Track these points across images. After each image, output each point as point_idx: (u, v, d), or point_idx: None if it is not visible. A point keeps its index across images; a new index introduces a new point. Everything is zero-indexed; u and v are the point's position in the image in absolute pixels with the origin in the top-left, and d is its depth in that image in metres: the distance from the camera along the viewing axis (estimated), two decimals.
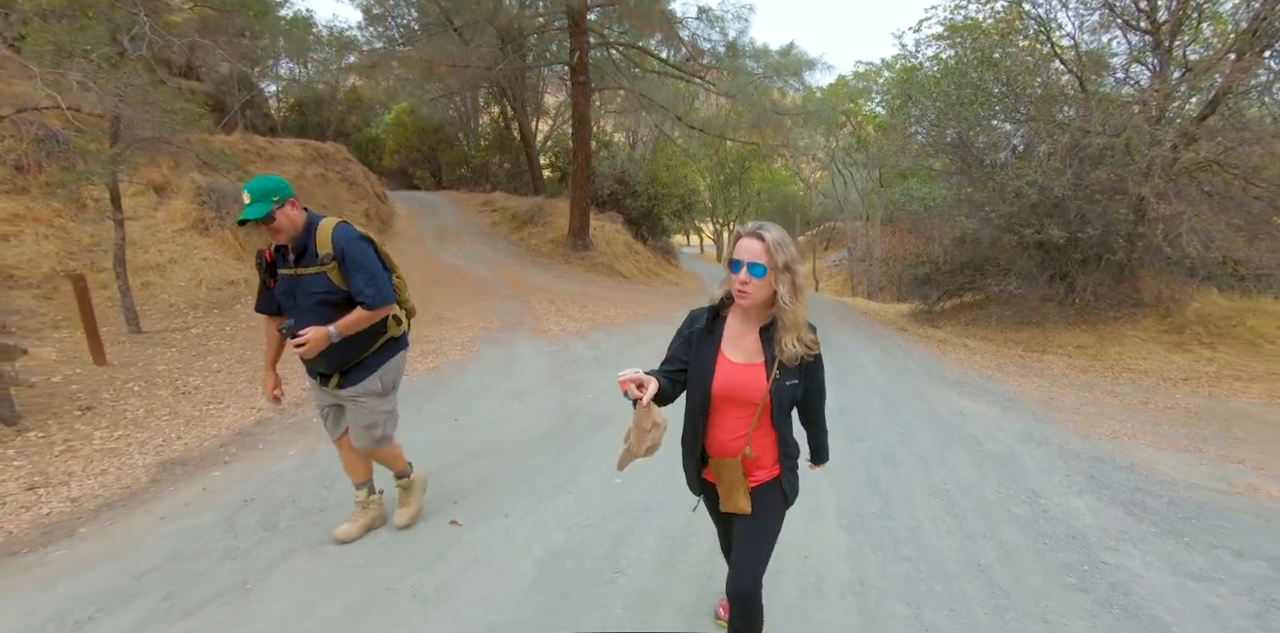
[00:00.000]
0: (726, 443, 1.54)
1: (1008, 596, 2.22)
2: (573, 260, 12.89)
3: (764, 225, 1.43)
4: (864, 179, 22.03)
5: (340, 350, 2.21)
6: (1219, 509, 3.19)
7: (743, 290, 1.41)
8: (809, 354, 1.48)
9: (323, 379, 2.33)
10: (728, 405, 1.52)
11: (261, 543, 2.37)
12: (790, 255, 1.41)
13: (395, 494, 2.66)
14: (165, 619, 1.94)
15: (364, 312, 2.16)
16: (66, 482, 2.93)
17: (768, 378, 1.47)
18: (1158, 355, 7.23)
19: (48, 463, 3.14)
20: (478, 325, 6.79)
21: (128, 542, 2.40)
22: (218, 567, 2.23)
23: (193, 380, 4.68)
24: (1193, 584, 2.40)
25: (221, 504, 2.67)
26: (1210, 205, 7.84)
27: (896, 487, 3.17)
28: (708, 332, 1.54)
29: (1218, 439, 4.53)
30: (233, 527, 2.50)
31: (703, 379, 1.50)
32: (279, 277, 2.22)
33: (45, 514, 2.62)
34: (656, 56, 10.98)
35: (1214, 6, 8.66)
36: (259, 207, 2.01)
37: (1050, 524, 2.83)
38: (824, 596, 2.16)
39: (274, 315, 2.35)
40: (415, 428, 3.62)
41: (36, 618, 1.94)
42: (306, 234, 2.14)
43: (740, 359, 1.50)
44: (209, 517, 2.57)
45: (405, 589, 2.10)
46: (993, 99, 8.19)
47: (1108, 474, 3.56)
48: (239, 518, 2.56)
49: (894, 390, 5.20)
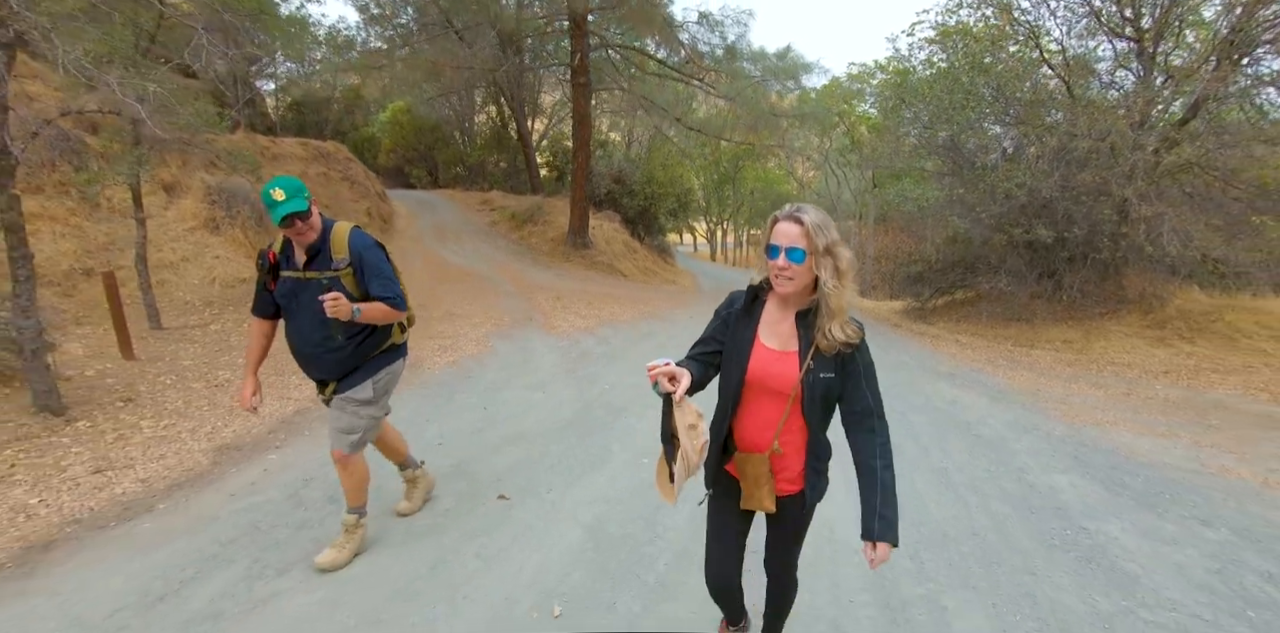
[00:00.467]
0: (755, 436, 1.48)
1: (999, 554, 2.53)
2: (573, 259, 13.14)
3: (802, 207, 1.36)
4: (857, 179, 22.44)
5: (345, 353, 2.19)
6: (1191, 486, 3.52)
7: (781, 276, 1.36)
8: (847, 345, 1.40)
9: (319, 386, 2.31)
10: (759, 395, 1.46)
11: (330, 515, 2.62)
12: (831, 238, 1.35)
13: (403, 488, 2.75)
14: (260, 579, 2.20)
15: (387, 307, 2.14)
16: (131, 465, 3.16)
17: (800, 367, 1.41)
18: (1140, 350, 7.61)
19: (105, 450, 3.37)
20: (488, 322, 7.04)
21: (205, 516, 2.65)
22: (294, 536, 2.49)
23: (222, 374, 4.90)
24: (1163, 547, 2.72)
25: (284, 483, 2.92)
26: (1191, 206, 8.24)
27: (898, 468, 3.46)
28: (745, 314, 1.48)
29: (1193, 426, 4.88)
30: (300, 502, 2.75)
31: (738, 364, 1.45)
32: (281, 279, 2.17)
33: (120, 493, 2.86)
34: (656, 59, 11.28)
35: (1196, 15, 9.06)
36: (299, 202, 2.00)
37: (1037, 498, 3.15)
38: (838, 552, 2.45)
39: (269, 319, 2.31)
40: (450, 414, 3.88)
41: (140, 580, 2.19)
42: (321, 237, 2.12)
43: (776, 346, 1.45)
44: (275, 493, 2.82)
45: (469, 552, 2.37)
46: (983, 103, 8.55)
47: (1089, 456, 3.88)
48: (304, 494, 2.82)
49: (891, 383, 5.52)
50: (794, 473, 1.51)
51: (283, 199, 1.98)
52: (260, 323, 2.33)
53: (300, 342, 2.22)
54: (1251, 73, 8.47)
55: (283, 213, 1.97)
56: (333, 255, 2.11)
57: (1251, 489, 3.65)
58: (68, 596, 2.08)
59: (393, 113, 21.53)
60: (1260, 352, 7.38)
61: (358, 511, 2.37)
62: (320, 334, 2.16)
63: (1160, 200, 7.02)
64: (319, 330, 2.15)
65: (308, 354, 2.23)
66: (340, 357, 2.21)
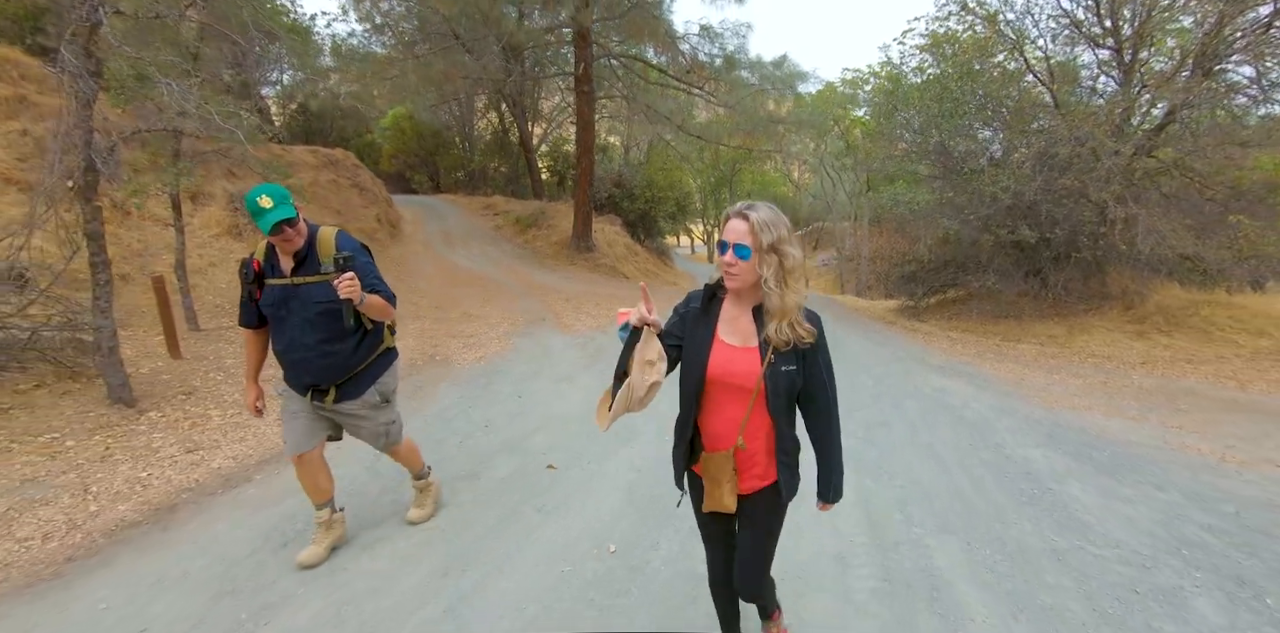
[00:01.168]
0: (720, 433, 1.50)
1: (975, 507, 3.02)
2: (577, 262, 13.63)
3: (753, 205, 1.38)
4: (851, 181, 23.03)
5: (344, 356, 2.22)
6: (1151, 459, 4.01)
7: (729, 272, 1.40)
8: (802, 342, 1.43)
9: (316, 395, 2.28)
10: (722, 391, 1.48)
11: (404, 483, 3.09)
12: (778, 237, 1.36)
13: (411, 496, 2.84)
14: (364, 529, 2.67)
15: (383, 301, 2.17)
16: (217, 446, 3.62)
17: (762, 361, 1.42)
18: (1120, 343, 8.14)
19: (187, 434, 3.83)
20: (505, 322, 7.51)
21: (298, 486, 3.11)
22: (379, 499, 2.95)
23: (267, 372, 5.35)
24: (1117, 504, 3.21)
25: (358, 458, 3.38)
26: (1167, 208, 8.79)
27: (890, 443, 3.97)
28: (703, 312, 1.50)
29: (1162, 410, 5.38)
30: (376, 473, 3.22)
31: (698, 361, 1.47)
32: (268, 287, 2.17)
33: (217, 468, 3.32)
34: (658, 68, 11.82)
35: (1173, 25, 9.61)
36: (287, 208, 2.01)
37: (1011, 466, 3.64)
38: (837, 510, 2.94)
39: (257, 329, 2.32)
40: (490, 402, 4.35)
41: (263, 530, 2.65)
42: (307, 242, 2.14)
43: (737, 342, 1.47)
44: (354, 467, 3.29)
45: (530, 509, 2.85)
46: (971, 110, 9.09)
47: (1063, 434, 4.38)
48: (378, 467, 3.28)
49: (885, 374, 6.02)
50: (761, 469, 1.52)
51: (270, 206, 1.98)
52: (252, 334, 2.34)
53: (290, 347, 2.19)
54: (1225, 80, 9.03)
55: (273, 220, 1.98)
56: (321, 260, 2.13)
57: (1208, 463, 4.14)
58: (206, 543, 2.54)
59: (393, 119, 21.99)
60: (1232, 343, 7.92)
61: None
62: (312, 338, 2.16)
63: (1136, 203, 7.56)
64: (310, 334, 2.16)
65: (297, 359, 2.21)
66: (338, 360, 2.22)
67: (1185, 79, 8.55)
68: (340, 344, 2.21)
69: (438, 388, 4.77)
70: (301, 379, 2.27)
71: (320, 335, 2.16)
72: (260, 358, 2.38)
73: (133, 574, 2.32)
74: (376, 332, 2.33)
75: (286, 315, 2.16)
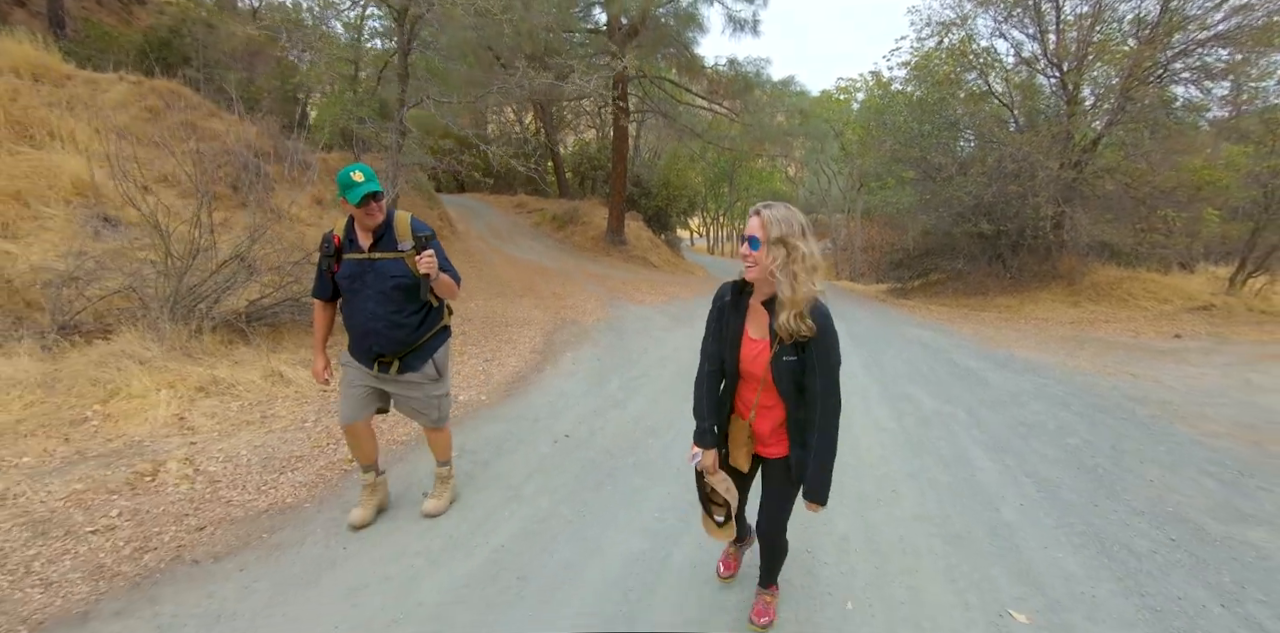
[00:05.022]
0: (743, 406, 1.84)
1: (929, 379, 5.71)
2: (612, 254, 16.19)
3: (770, 203, 1.60)
4: (845, 177, 25.85)
5: (411, 328, 2.48)
6: (1046, 367, 6.73)
7: (745, 262, 1.65)
8: (801, 335, 1.61)
9: (382, 366, 2.54)
10: (746, 377, 1.79)
11: (593, 395, 5.67)
12: (785, 231, 1.56)
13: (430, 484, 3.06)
14: (607, 401, 5.27)
15: (451, 280, 2.49)
16: (503, 364, 6.16)
17: (771, 351, 1.67)
18: (1058, 309, 10.97)
19: (476, 360, 6.36)
20: (591, 299, 10.08)
21: (527, 401, 5.68)
22: (599, 390, 5.55)
23: (510, 329, 7.87)
24: (1014, 380, 5.92)
25: (589, 372, 5.95)
26: (1096, 206, 11.64)
27: (881, 361, 6.65)
28: (734, 307, 1.76)
29: (1070, 348, 8.13)
30: (600, 385, 5.81)
31: (731, 352, 1.76)
32: (345, 262, 2.42)
33: (515, 370, 5.88)
34: (689, 90, 14.43)
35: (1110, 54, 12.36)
36: (374, 184, 2.30)
37: (956, 367, 6.35)
38: (869, 372, 5.61)
39: (329, 301, 2.60)
40: (629, 343, 6.96)
41: (515, 425, 5.23)
42: (386, 221, 2.40)
43: (757, 335, 1.73)
44: (579, 382, 5.87)
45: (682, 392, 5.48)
46: (944, 129, 11.86)
47: (995, 356, 7.12)
48: (584, 369, 5.87)
49: (881, 329, 8.75)
50: (775, 442, 1.82)
51: (362, 180, 2.26)
52: (322, 305, 2.63)
53: (365, 318, 2.44)
54: (1150, 101, 11.79)
55: (363, 192, 2.26)
56: (398, 239, 2.40)
57: (1085, 372, 6.86)
58: (540, 398, 5.11)
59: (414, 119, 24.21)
60: (1141, 308, 10.80)
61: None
62: (385, 309, 2.42)
63: (1067, 203, 10.37)
64: (383, 306, 2.42)
65: (371, 329, 2.45)
66: (404, 333, 2.48)
67: (1115, 99, 11.35)
68: (409, 317, 2.48)
69: (586, 335, 7.34)
70: (371, 349, 2.51)
71: (392, 307, 2.43)
72: (329, 328, 2.68)
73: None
74: (439, 309, 2.62)
75: (361, 288, 2.41)
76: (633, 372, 5.72)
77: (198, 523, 2.74)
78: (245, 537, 2.64)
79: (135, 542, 2.57)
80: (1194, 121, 12.58)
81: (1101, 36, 11.74)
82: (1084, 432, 4.45)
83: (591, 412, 4.57)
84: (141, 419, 3.86)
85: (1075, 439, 4.27)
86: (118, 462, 3.30)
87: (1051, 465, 3.76)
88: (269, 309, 5.72)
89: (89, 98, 9.03)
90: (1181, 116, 12.17)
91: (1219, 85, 11.84)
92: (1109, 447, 4.16)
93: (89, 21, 13.06)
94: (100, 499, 2.90)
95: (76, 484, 3.01)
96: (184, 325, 5.06)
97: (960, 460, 3.81)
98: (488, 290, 9.47)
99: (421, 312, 2.53)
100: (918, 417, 4.66)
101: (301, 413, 4.13)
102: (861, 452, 3.89)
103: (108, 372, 4.38)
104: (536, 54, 10.09)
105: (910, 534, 2.84)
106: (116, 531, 2.65)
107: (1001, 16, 11.87)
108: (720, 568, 2.33)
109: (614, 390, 5.13)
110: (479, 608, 2.20)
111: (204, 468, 3.29)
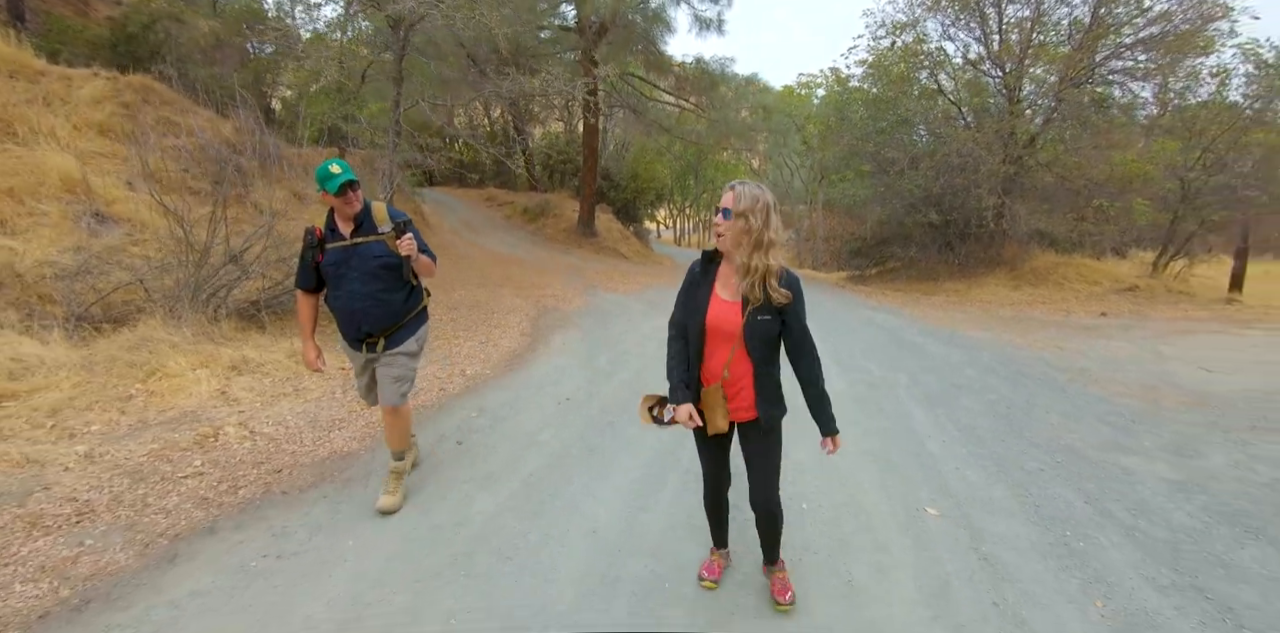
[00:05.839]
0: (714, 371, 1.96)
1: (881, 352, 6.54)
2: (584, 245, 16.77)
3: (744, 182, 1.81)
4: (807, 169, 26.87)
5: (397, 305, 2.72)
6: (980, 341, 7.64)
7: (716, 231, 1.87)
8: (778, 302, 1.86)
9: (369, 347, 2.77)
10: (716, 337, 1.94)
11: (579, 369, 6.34)
12: (749, 206, 1.77)
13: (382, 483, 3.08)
14: (594, 376, 5.94)
15: (429, 260, 2.74)
16: (497, 344, 6.73)
17: (743, 313, 1.87)
18: (1001, 292, 12.03)
19: (468, 345, 6.93)
20: (568, 288, 10.68)
21: (527, 373, 6.31)
22: (590, 361, 6.21)
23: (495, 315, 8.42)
24: (951, 351, 6.79)
25: (576, 351, 6.59)
26: (1034, 197, 12.73)
27: (842, 335, 7.47)
28: (703, 275, 1.99)
29: (1006, 326, 9.11)
30: (585, 361, 6.46)
31: (698, 313, 1.95)
32: (328, 251, 2.63)
33: (510, 350, 6.47)
34: (657, 86, 15.06)
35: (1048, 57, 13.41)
36: (351, 174, 2.52)
37: (904, 342, 7.20)
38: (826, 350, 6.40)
39: (313, 292, 2.79)
40: (612, 325, 7.62)
41: (550, 369, 5.87)
42: (364, 210, 2.63)
43: (727, 297, 1.94)
44: (570, 359, 6.51)
45: None
46: (897, 126, 12.79)
47: (939, 333, 8.01)
48: (571, 346, 6.52)
49: (841, 312, 9.61)
50: (747, 403, 1.99)
51: (339, 172, 2.49)
52: (306, 296, 2.82)
53: (352, 300, 2.65)
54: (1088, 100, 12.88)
55: (342, 181, 2.48)
56: (376, 224, 2.62)
57: (1015, 344, 7.79)
58: (538, 371, 5.74)
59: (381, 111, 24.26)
60: (1074, 290, 11.94)
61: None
62: (371, 288, 2.64)
63: (1007, 195, 11.39)
64: (370, 285, 2.63)
65: (359, 309, 2.66)
66: (390, 310, 2.71)
67: (1053, 97, 12.41)
68: (394, 294, 2.71)
69: (569, 320, 7.97)
70: (360, 328, 2.72)
71: (378, 286, 2.65)
72: (314, 318, 2.87)
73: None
74: (419, 290, 2.86)
75: (347, 272, 2.62)
76: (617, 349, 6.39)
77: (273, 467, 3.32)
78: (319, 475, 3.24)
79: (226, 482, 3.15)
80: (1123, 119, 13.77)
81: (1041, 39, 12.79)
82: (1005, 391, 5.31)
83: (586, 381, 5.23)
84: (187, 394, 4.38)
85: (996, 396, 5.11)
86: (180, 427, 3.84)
87: (974, 415, 4.59)
88: (277, 298, 6.20)
89: (65, 94, 9.24)
90: (1113, 115, 13.34)
91: (1144, 86, 13.06)
92: (1024, 401, 5.01)
93: (50, 15, 12.99)
94: (178, 455, 3.45)
95: (152, 444, 3.55)
96: (203, 313, 5.54)
97: (899, 413, 4.60)
98: (469, 281, 9.98)
99: (405, 290, 2.76)
100: (868, 382, 5.45)
101: (329, 386, 4.68)
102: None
103: (141, 355, 4.86)
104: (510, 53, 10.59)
105: (853, 464, 3.59)
106: (206, 475, 3.22)
107: (949, 20, 12.81)
108: (704, 573, 2.36)
109: (603, 364, 5.78)
110: (524, 516, 2.87)
111: (259, 430, 3.85)
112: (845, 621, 2.22)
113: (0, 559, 2.45)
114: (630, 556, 2.57)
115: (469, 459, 3.47)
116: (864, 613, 2.26)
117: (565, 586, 2.35)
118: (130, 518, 2.79)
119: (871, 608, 2.29)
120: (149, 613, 2.16)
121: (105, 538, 2.63)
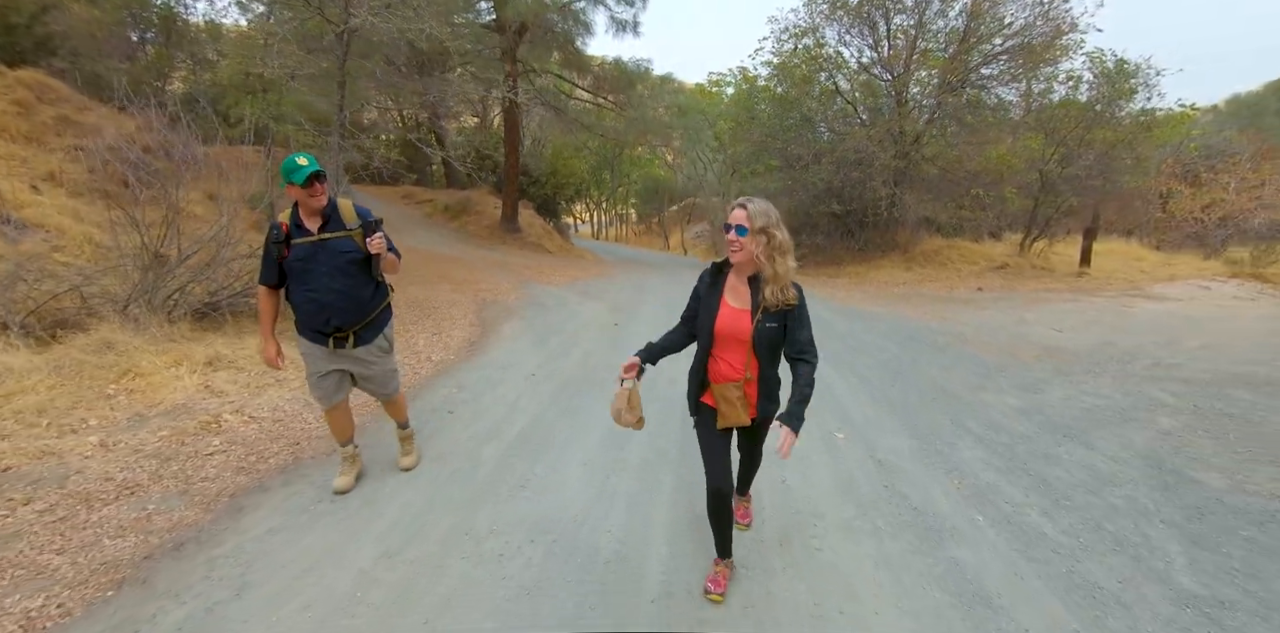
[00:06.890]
0: (725, 372, 2.16)
1: None
2: (508, 241, 17.15)
3: (751, 198, 2.01)
4: (720, 163, 28.26)
5: (365, 300, 2.82)
6: (880, 315, 8.91)
7: (732, 248, 2.02)
8: (787, 304, 2.05)
9: (338, 342, 2.84)
10: (727, 342, 2.13)
11: (535, 349, 7.00)
12: (768, 222, 1.97)
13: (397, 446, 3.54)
14: (553, 354, 6.63)
15: (394, 257, 2.88)
16: (451, 337, 7.22)
17: (752, 320, 2.04)
18: (895, 274, 13.62)
19: (426, 338, 7.37)
20: (503, 282, 11.19)
21: (489, 357, 6.91)
22: (555, 336, 6.88)
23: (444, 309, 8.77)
24: (854, 325, 7.95)
25: (536, 330, 7.20)
26: (921, 188, 14.43)
27: None
28: (712, 284, 2.17)
29: (899, 302, 10.50)
30: (539, 343, 7.10)
31: (708, 320, 2.15)
32: (294, 246, 2.67)
33: (464, 341, 6.99)
34: (577, 85, 15.65)
35: (930, 62, 15.08)
36: (316, 165, 2.58)
37: (814, 319, 8.32)
38: None
39: (276, 288, 2.84)
40: (551, 315, 8.28)
41: (489, 371, 6.50)
42: (330, 206, 2.70)
43: (737, 305, 2.11)
44: (531, 338, 7.13)
45: (608, 343, 6.95)
46: (802, 123, 14.09)
47: (842, 309, 9.22)
48: (547, 339, 7.16)
49: None
50: (751, 400, 2.21)
51: (306, 164, 2.54)
52: (269, 292, 2.84)
53: (321, 294, 2.72)
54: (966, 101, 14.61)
55: (307, 172, 2.53)
56: (344, 220, 2.72)
57: (906, 316, 9.13)
58: (499, 354, 6.34)
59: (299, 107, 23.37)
60: (956, 270, 13.69)
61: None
62: (340, 283, 2.72)
63: (897, 186, 12.93)
64: (338, 280, 2.71)
65: (328, 303, 2.73)
66: (359, 304, 2.80)
67: (935, 99, 14.08)
68: (362, 290, 2.79)
69: (512, 311, 8.55)
70: (329, 321, 2.76)
71: (347, 281, 2.71)
72: (275, 314, 2.90)
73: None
74: (384, 286, 2.95)
75: (314, 267, 2.67)
76: (564, 334, 7.08)
77: (291, 440, 3.83)
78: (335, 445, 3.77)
79: (254, 454, 3.63)
80: (994, 119, 15.75)
81: (924, 46, 14.46)
82: (896, 351, 6.46)
83: (545, 359, 5.91)
84: (170, 389, 4.70)
85: (889, 355, 6.25)
86: (179, 417, 4.22)
87: (869, 369, 5.66)
88: (236, 297, 6.45)
89: None
90: (985, 114, 15.27)
91: (1010, 89, 15.04)
92: (911, 359, 6.16)
93: None
94: (191, 438, 3.87)
95: (161, 432, 3.94)
96: (161, 315, 5.76)
97: None
98: (402, 279, 10.29)
99: (371, 286, 2.85)
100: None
101: None
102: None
103: (108, 357, 5.10)
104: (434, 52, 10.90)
105: None
106: (230, 451, 3.68)
107: (844, 27, 14.23)
108: (709, 586, 2.39)
109: (555, 346, 6.47)
110: (527, 459, 3.57)
111: (257, 416, 4.29)
112: (782, 507, 3.10)
113: (75, 525, 2.88)
114: (618, 476, 3.34)
115: (463, 424, 4.10)
116: (795, 500, 3.15)
117: (573, 500, 3.09)
118: (180, 487, 3.25)
119: (801, 496, 3.18)
120: (241, 546, 2.71)
121: (165, 502, 3.09)
